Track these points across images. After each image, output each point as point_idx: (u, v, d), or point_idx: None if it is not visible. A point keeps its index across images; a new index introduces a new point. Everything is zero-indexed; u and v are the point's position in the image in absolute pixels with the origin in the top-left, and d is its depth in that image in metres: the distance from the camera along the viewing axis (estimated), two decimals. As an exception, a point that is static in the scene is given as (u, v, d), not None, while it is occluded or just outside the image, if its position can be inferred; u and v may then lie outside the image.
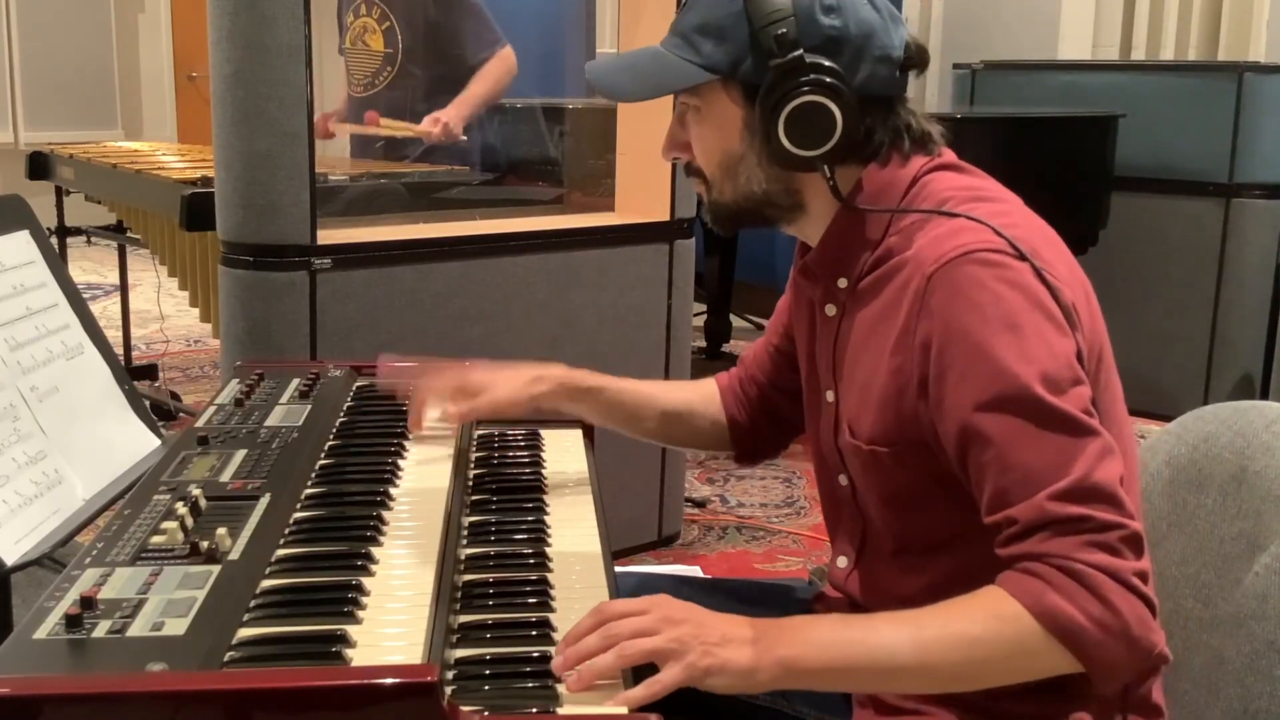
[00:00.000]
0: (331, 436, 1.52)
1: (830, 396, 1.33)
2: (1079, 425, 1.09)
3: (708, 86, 1.26)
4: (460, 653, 1.11)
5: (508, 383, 1.54)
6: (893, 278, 1.22)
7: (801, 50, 1.20)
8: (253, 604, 1.09)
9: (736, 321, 5.12)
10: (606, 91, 1.33)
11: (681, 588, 1.47)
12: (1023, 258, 1.13)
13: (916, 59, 1.26)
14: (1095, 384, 1.18)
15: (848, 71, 1.21)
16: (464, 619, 1.17)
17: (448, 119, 3.53)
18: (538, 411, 1.58)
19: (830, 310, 1.32)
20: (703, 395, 1.60)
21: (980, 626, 1.08)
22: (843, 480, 1.33)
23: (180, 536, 1.18)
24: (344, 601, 1.10)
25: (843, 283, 1.29)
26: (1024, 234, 1.17)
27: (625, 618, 1.08)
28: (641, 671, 1.10)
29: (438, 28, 3.61)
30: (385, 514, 1.31)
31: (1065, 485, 1.07)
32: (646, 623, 1.08)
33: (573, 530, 1.40)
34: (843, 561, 1.35)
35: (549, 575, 1.27)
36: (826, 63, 1.20)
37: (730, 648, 1.07)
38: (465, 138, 3.60)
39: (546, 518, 1.42)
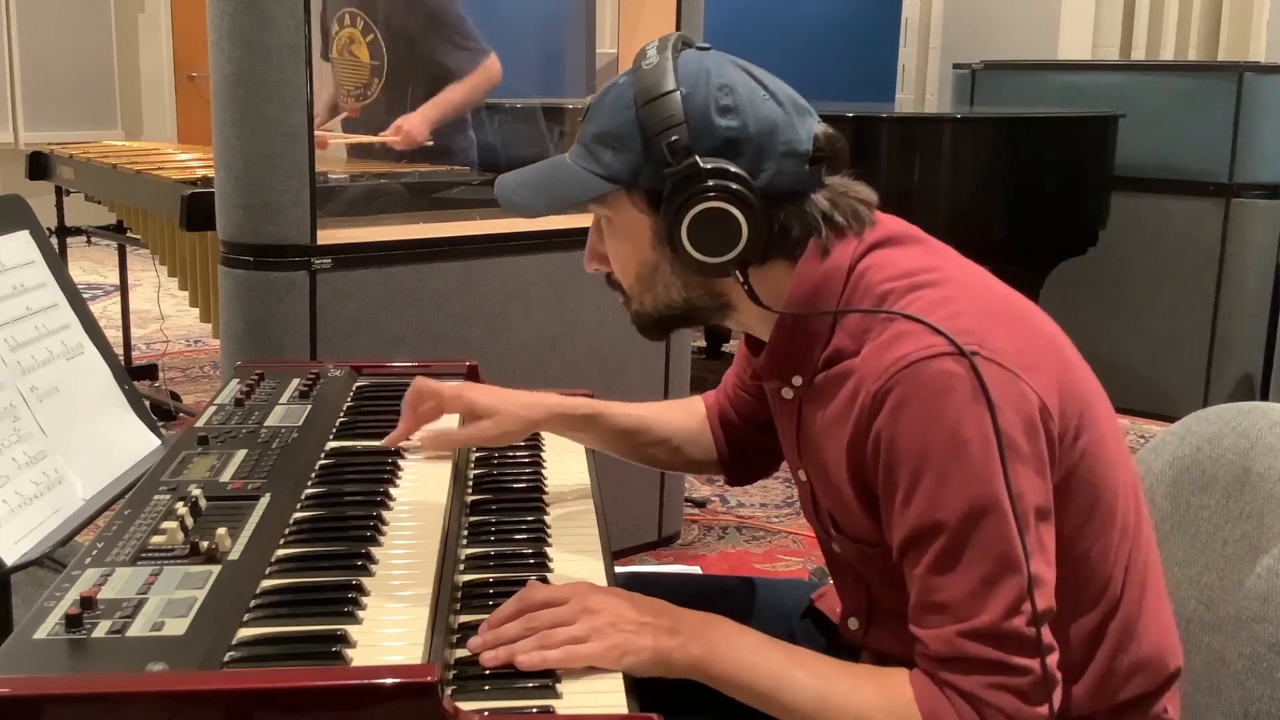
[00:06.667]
0: (331, 436, 1.52)
1: (803, 476, 1.32)
2: (1005, 559, 1.07)
3: (614, 196, 1.22)
4: (460, 653, 1.11)
5: (510, 416, 1.50)
6: (843, 384, 1.19)
7: (696, 156, 1.15)
8: (253, 604, 1.09)
9: (736, 322, 5.12)
10: (511, 207, 1.29)
11: (681, 588, 1.47)
12: (959, 353, 1.08)
13: (827, 150, 1.20)
14: (1076, 439, 1.15)
15: (751, 171, 1.16)
16: (464, 619, 1.17)
17: (410, 126, 3.51)
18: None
19: (788, 394, 1.29)
20: (696, 419, 1.58)
21: (878, 715, 1.10)
22: (836, 548, 1.32)
23: (180, 536, 1.17)
24: (344, 601, 1.10)
25: (797, 380, 1.26)
26: (969, 321, 1.11)
27: (547, 606, 1.13)
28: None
29: (420, 41, 3.60)
30: (385, 514, 1.31)
31: (979, 626, 1.07)
32: (565, 612, 1.13)
33: (573, 530, 1.40)
34: (854, 624, 1.34)
35: (549, 575, 1.27)
36: (727, 166, 1.16)
37: (646, 635, 1.13)
38: (431, 142, 3.58)
39: (546, 518, 1.42)
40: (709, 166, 1.16)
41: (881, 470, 1.12)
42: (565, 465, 1.61)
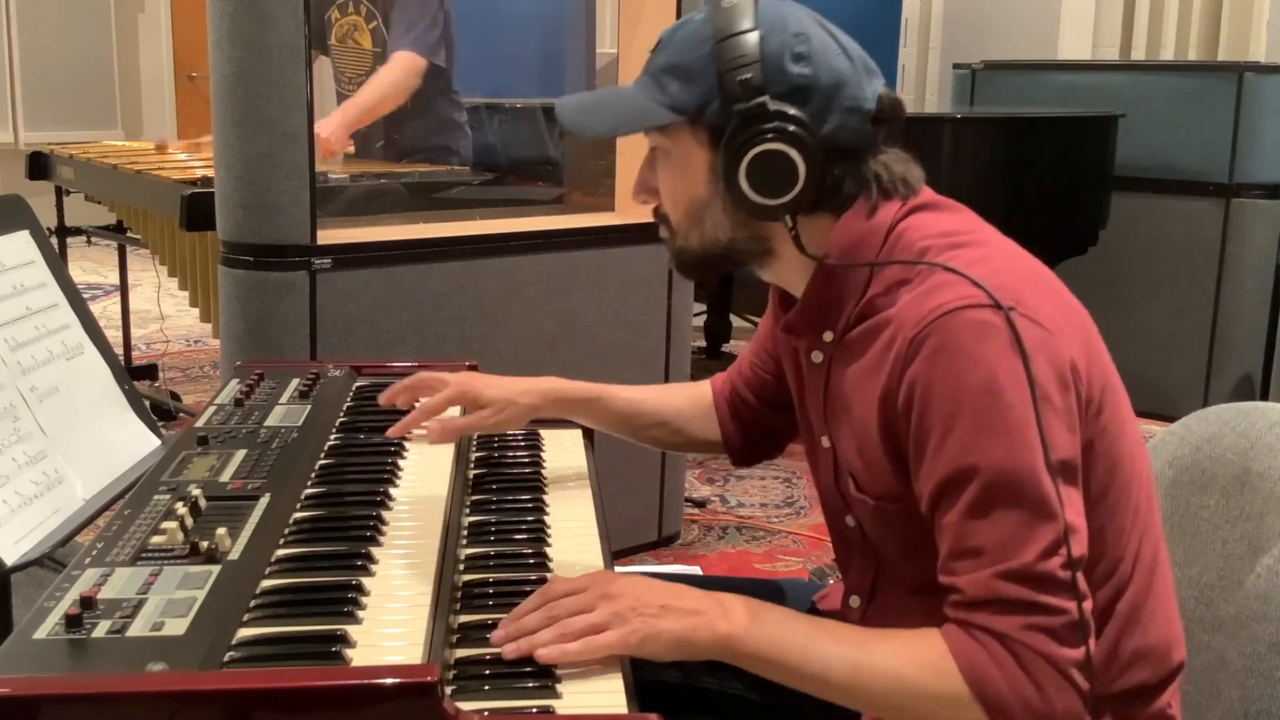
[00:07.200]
0: (331, 436, 1.52)
1: (826, 442, 1.32)
2: (1040, 506, 1.08)
3: (676, 128, 1.24)
4: (460, 653, 1.11)
5: (510, 404, 1.56)
6: (877, 335, 1.20)
7: (766, 96, 1.18)
8: (253, 604, 1.09)
9: (736, 321, 5.13)
10: (572, 127, 1.31)
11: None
12: (998, 307, 1.10)
13: (890, 113, 1.23)
14: (1099, 413, 1.16)
15: (815, 121, 1.19)
16: (464, 619, 1.17)
17: (327, 133, 3.43)
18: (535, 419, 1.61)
19: (817, 358, 1.30)
20: (697, 402, 1.60)
21: (915, 672, 1.10)
22: (850, 521, 1.32)
23: (180, 536, 1.17)
24: (344, 601, 1.10)
25: (828, 336, 1.27)
26: (1006, 280, 1.14)
27: (567, 596, 1.13)
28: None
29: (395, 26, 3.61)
30: (385, 514, 1.31)
31: (1014, 567, 1.07)
32: (585, 599, 1.13)
33: (573, 530, 1.40)
34: (855, 601, 1.34)
35: (549, 575, 1.27)
36: (792, 111, 1.18)
37: (669, 617, 1.12)
38: (352, 148, 3.55)
39: (546, 518, 1.42)
40: (776, 109, 1.18)
41: (915, 416, 1.13)
42: (565, 465, 1.61)
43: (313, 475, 1.40)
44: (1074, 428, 1.12)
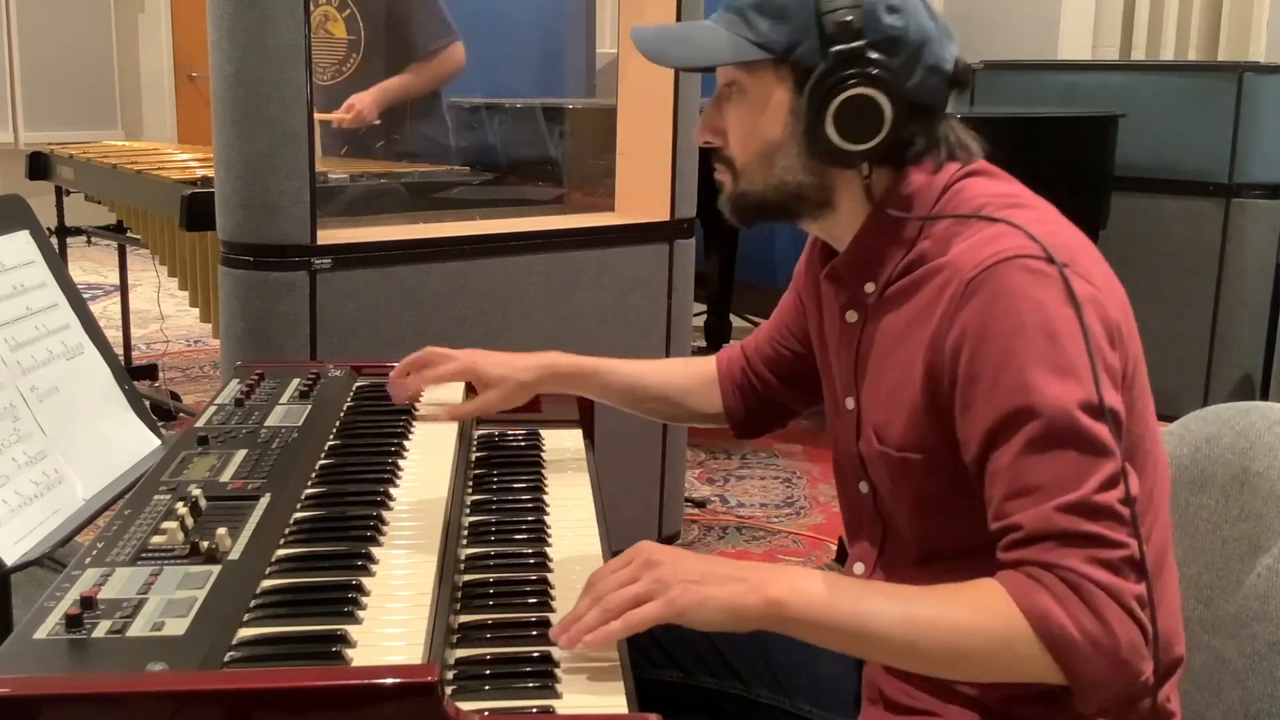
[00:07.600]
0: (331, 436, 1.52)
1: (850, 404, 1.32)
2: (1097, 444, 1.08)
3: (759, 66, 1.25)
4: (460, 653, 1.11)
5: (513, 383, 1.59)
6: (926, 283, 1.22)
7: (865, 40, 1.20)
8: (253, 604, 1.09)
9: (736, 321, 5.12)
10: (655, 57, 1.31)
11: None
12: (1053, 262, 1.13)
13: (963, 77, 1.26)
14: (1130, 391, 1.17)
15: (901, 73, 1.21)
16: (464, 619, 1.18)
17: (361, 105, 3.52)
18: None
19: (851, 317, 1.31)
20: (699, 377, 1.62)
21: (971, 617, 1.09)
22: (863, 488, 1.32)
23: (180, 536, 1.17)
24: (344, 601, 1.10)
25: (869, 288, 1.28)
26: (1061, 241, 1.16)
27: (610, 575, 1.12)
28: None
29: (392, 16, 3.61)
30: (385, 514, 1.31)
31: (1074, 499, 1.07)
32: (628, 573, 1.12)
33: (573, 530, 1.41)
34: (859, 569, 1.34)
35: (549, 575, 1.27)
36: (884, 58, 1.20)
37: (712, 585, 1.10)
38: (378, 122, 3.58)
39: (546, 518, 1.42)
40: (871, 55, 1.20)
41: (966, 357, 1.14)
42: (565, 465, 1.61)
43: (313, 475, 1.40)
44: (1119, 384, 1.13)
